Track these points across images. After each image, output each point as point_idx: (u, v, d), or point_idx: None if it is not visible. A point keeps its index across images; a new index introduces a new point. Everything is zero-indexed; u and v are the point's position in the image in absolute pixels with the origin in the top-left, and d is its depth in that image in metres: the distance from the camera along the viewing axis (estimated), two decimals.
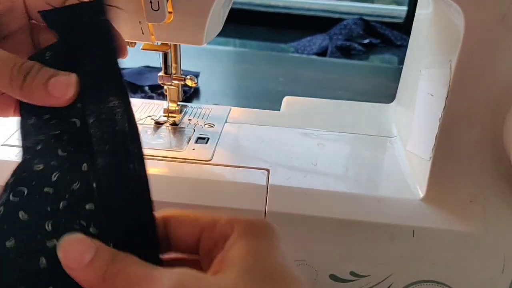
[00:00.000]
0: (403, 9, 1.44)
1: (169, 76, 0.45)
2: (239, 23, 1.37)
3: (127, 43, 0.40)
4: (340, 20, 1.37)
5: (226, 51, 1.06)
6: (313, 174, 0.40)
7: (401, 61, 0.49)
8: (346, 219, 0.35)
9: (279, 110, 0.52)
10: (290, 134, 0.47)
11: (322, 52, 1.22)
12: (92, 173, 0.24)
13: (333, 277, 0.37)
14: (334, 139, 0.46)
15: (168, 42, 0.42)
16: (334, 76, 0.88)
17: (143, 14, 0.35)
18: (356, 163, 0.43)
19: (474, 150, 0.37)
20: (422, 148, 0.39)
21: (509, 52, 0.34)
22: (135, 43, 0.40)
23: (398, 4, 1.51)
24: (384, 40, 1.31)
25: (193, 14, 0.36)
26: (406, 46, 0.48)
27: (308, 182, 0.39)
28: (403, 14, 1.41)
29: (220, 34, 0.42)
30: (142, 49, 0.42)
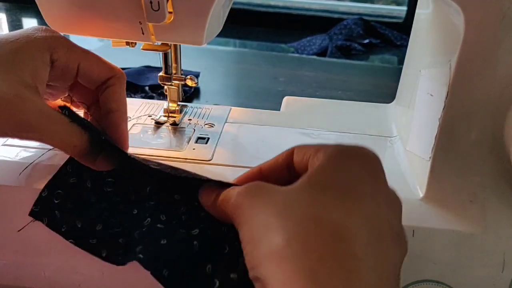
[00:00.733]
0: (403, 9, 1.44)
1: (169, 76, 0.45)
2: (239, 23, 1.37)
3: (128, 43, 0.40)
4: (340, 20, 1.37)
5: (226, 51, 1.06)
6: None
7: (401, 61, 0.49)
8: None
9: (279, 110, 0.52)
10: (290, 134, 0.47)
11: (322, 52, 1.22)
12: None
13: None
14: (334, 139, 0.46)
15: (168, 42, 0.42)
16: (334, 76, 0.88)
17: (143, 14, 0.35)
18: None
19: (474, 150, 0.37)
20: (422, 148, 0.39)
21: (509, 52, 0.34)
22: (135, 43, 0.40)
23: (398, 4, 1.51)
24: (384, 40, 1.31)
25: (193, 14, 0.36)
26: (406, 46, 0.48)
27: None
28: (403, 14, 1.42)
29: (220, 34, 0.42)
30: (142, 49, 0.42)
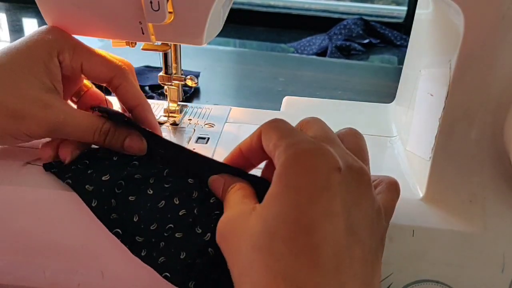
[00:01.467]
0: (403, 9, 1.44)
1: (169, 76, 0.45)
2: (239, 23, 1.37)
3: (128, 43, 0.40)
4: (340, 20, 1.37)
5: (226, 51, 1.06)
6: None
7: (401, 61, 0.49)
8: None
9: (279, 110, 0.52)
10: None
11: (322, 52, 1.22)
12: None
13: None
14: None
15: (168, 42, 0.42)
16: (334, 76, 0.88)
17: (143, 14, 0.35)
18: None
19: (474, 150, 0.37)
20: (422, 148, 0.39)
21: (509, 52, 0.34)
22: (135, 43, 0.40)
23: (398, 4, 1.51)
24: (384, 40, 1.31)
25: (193, 14, 0.36)
26: (406, 46, 0.48)
27: None
28: (403, 14, 1.42)
29: (220, 34, 0.42)
30: (142, 49, 0.42)
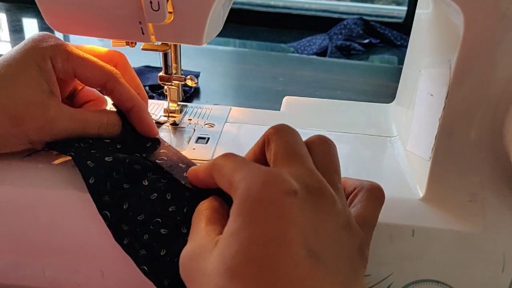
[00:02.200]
0: (403, 9, 1.44)
1: (169, 76, 0.45)
2: (239, 23, 1.37)
3: (128, 43, 0.40)
4: (340, 20, 1.37)
5: (226, 51, 1.06)
6: None
7: (401, 61, 0.49)
8: None
9: (279, 110, 0.52)
10: None
11: (322, 52, 1.23)
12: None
13: None
14: (334, 139, 0.46)
15: (168, 42, 0.42)
16: (333, 76, 0.88)
17: (143, 14, 0.35)
18: (356, 163, 0.43)
19: (474, 150, 0.37)
20: (422, 148, 0.39)
21: (509, 52, 0.34)
22: (135, 43, 0.40)
23: (398, 4, 1.51)
24: (384, 40, 1.32)
25: (193, 14, 0.36)
26: (406, 46, 0.48)
27: None
28: (403, 14, 1.42)
29: (220, 34, 0.42)
30: (142, 49, 0.42)
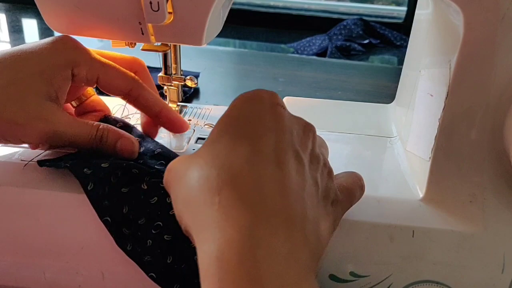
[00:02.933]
0: (403, 9, 1.44)
1: (169, 76, 0.45)
2: (239, 24, 1.37)
3: (127, 43, 0.40)
4: (339, 20, 1.37)
5: (226, 52, 1.06)
6: None
7: (401, 62, 0.50)
8: (345, 219, 0.35)
9: None
10: None
11: (322, 53, 1.23)
12: None
13: (332, 277, 0.37)
14: (334, 139, 0.46)
15: (168, 42, 0.42)
16: (333, 76, 0.88)
17: (143, 15, 0.35)
18: (355, 163, 0.43)
19: (474, 150, 0.37)
20: (421, 148, 0.39)
21: (509, 52, 0.34)
22: (135, 43, 0.40)
23: (398, 4, 1.51)
24: (383, 41, 1.32)
25: (193, 15, 0.36)
26: (406, 47, 0.48)
27: None
28: (403, 15, 1.42)
29: (220, 35, 0.42)
30: (142, 49, 0.42)
